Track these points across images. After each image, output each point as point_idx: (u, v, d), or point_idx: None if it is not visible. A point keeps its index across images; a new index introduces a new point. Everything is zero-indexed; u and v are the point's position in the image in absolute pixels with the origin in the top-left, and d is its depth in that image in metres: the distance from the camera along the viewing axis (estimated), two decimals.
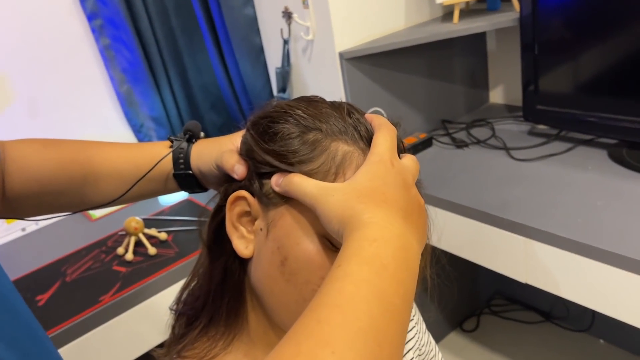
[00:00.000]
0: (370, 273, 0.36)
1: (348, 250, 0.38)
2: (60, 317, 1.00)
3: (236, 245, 0.49)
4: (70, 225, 1.41)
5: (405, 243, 0.40)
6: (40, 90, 1.41)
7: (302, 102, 0.50)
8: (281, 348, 0.33)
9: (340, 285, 0.35)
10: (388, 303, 0.35)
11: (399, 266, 0.38)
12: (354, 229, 0.40)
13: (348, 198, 0.42)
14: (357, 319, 0.33)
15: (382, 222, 0.40)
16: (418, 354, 0.62)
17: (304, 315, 0.35)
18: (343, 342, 0.32)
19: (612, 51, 1.08)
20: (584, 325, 1.66)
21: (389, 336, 0.34)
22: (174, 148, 0.61)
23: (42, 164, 0.61)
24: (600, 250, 0.88)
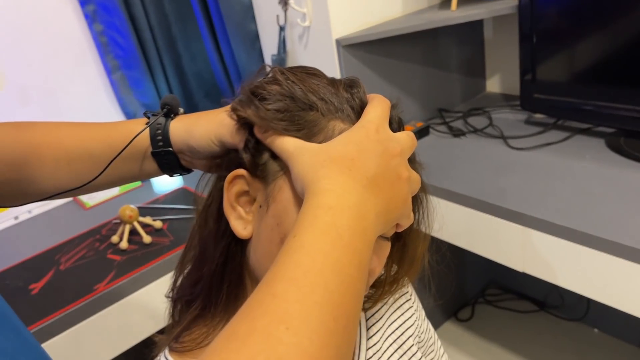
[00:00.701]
0: (325, 243, 0.36)
1: (304, 218, 0.38)
2: (55, 305, 0.99)
3: (234, 226, 0.48)
4: (64, 214, 1.40)
5: (362, 212, 0.39)
6: (31, 77, 1.39)
7: (299, 76, 0.49)
8: (236, 324, 0.33)
9: (297, 258, 0.35)
10: (344, 274, 0.35)
11: (354, 235, 0.37)
12: (312, 195, 0.39)
13: (315, 161, 0.42)
14: (313, 293, 0.33)
15: (340, 189, 0.39)
16: (417, 341, 0.62)
17: (259, 288, 0.35)
18: (298, 318, 0.32)
19: (611, 40, 1.07)
20: (578, 314, 1.67)
21: (344, 309, 0.34)
22: (150, 123, 0.56)
23: (15, 147, 0.57)
24: (598, 239, 0.88)
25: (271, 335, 0.31)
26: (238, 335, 0.32)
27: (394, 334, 0.60)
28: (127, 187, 1.45)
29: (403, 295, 0.63)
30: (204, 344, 0.51)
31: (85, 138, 0.58)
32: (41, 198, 0.60)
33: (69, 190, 0.58)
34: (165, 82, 1.55)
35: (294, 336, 0.31)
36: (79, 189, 0.58)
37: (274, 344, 0.30)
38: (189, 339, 0.51)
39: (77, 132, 0.58)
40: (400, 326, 0.61)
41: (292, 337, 0.31)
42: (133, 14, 1.43)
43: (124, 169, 0.58)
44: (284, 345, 0.30)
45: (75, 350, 1.01)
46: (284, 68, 0.50)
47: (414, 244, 0.55)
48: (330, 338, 0.32)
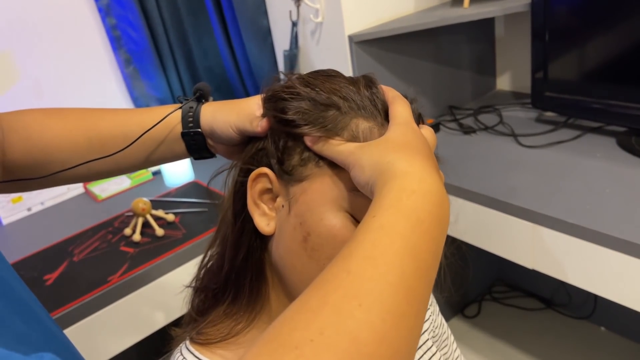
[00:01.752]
0: (406, 227, 0.35)
1: (385, 200, 0.37)
2: (69, 296, 1.00)
3: (257, 222, 0.49)
4: (76, 206, 1.41)
5: (442, 200, 0.38)
6: (45, 69, 1.40)
7: (320, 77, 0.50)
8: (308, 297, 0.33)
9: (375, 237, 0.35)
10: (420, 260, 0.35)
11: (433, 222, 0.37)
12: (390, 178, 0.39)
13: (384, 148, 0.42)
14: (388, 273, 0.33)
15: (420, 173, 0.39)
16: (432, 335, 0.63)
17: (334, 263, 0.34)
18: (372, 296, 0.31)
19: (623, 38, 1.07)
20: (585, 312, 1.67)
21: (418, 293, 0.34)
22: (184, 105, 0.60)
23: (46, 132, 0.59)
24: (608, 237, 0.88)
25: (343, 310, 0.31)
26: (309, 307, 0.32)
27: None
28: (139, 179, 1.46)
29: None
30: (228, 337, 0.52)
31: (120, 122, 0.60)
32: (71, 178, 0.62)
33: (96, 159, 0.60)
34: (177, 76, 1.56)
35: (366, 313, 0.30)
36: (107, 157, 0.60)
37: (344, 319, 0.30)
38: (212, 330, 0.52)
39: (111, 116, 0.61)
40: None
41: (364, 314, 0.30)
42: (146, 8, 1.44)
43: (154, 148, 0.61)
44: (355, 321, 0.30)
45: (88, 340, 1.02)
46: (302, 78, 0.51)
47: None
48: (402, 320, 0.32)
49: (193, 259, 1.12)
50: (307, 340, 0.29)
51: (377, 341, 0.30)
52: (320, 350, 0.29)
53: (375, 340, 0.30)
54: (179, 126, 0.59)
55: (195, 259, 1.12)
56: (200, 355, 0.52)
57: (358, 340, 0.29)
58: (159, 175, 1.48)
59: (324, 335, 0.29)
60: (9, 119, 0.60)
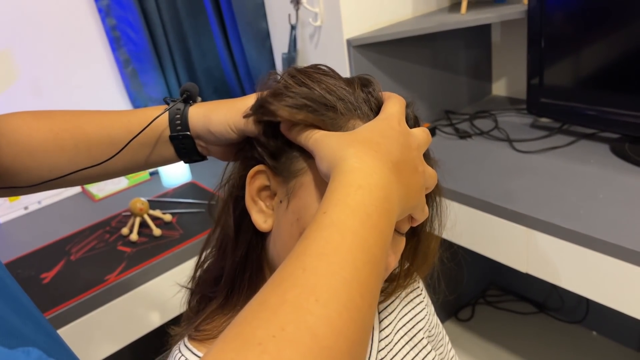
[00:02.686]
0: (355, 222, 0.37)
1: (334, 196, 0.39)
2: (66, 295, 1.01)
3: (255, 219, 0.50)
4: (73, 205, 1.42)
5: (388, 194, 0.40)
6: (44, 69, 1.41)
7: (315, 75, 0.50)
8: (267, 295, 0.34)
9: (327, 234, 0.36)
10: (370, 254, 0.36)
11: (381, 216, 0.38)
12: (340, 172, 0.40)
13: (342, 141, 0.43)
14: (342, 269, 0.34)
15: (369, 169, 0.40)
16: (427, 335, 0.64)
17: (288, 262, 0.35)
18: (328, 292, 0.33)
19: (618, 46, 1.09)
20: (578, 316, 1.69)
21: (369, 287, 0.35)
22: (170, 107, 0.58)
23: (33, 135, 0.58)
24: (602, 242, 0.90)
25: (301, 307, 0.32)
26: (268, 305, 0.33)
27: (405, 327, 0.62)
28: (136, 180, 1.47)
29: (414, 290, 0.65)
30: None
31: (106, 124, 0.59)
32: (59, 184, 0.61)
33: (85, 168, 0.59)
34: (176, 77, 1.57)
35: (323, 308, 0.32)
36: (95, 166, 0.59)
37: (303, 315, 0.31)
38: (210, 327, 0.53)
39: (97, 119, 0.60)
40: (411, 320, 0.63)
41: (321, 309, 0.32)
42: (146, 9, 1.45)
43: (142, 153, 0.59)
44: (314, 317, 0.31)
45: (84, 339, 1.02)
46: (295, 71, 0.51)
47: (427, 240, 0.57)
48: (358, 314, 0.33)
49: (190, 259, 1.13)
50: (269, 337, 0.30)
51: (334, 335, 0.31)
52: (282, 345, 0.30)
53: (333, 334, 0.31)
54: (167, 129, 0.58)
55: (192, 259, 1.13)
56: (198, 352, 0.53)
57: (317, 334, 0.31)
58: (156, 176, 1.48)
59: (285, 331, 0.31)
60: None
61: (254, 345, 0.30)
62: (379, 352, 0.58)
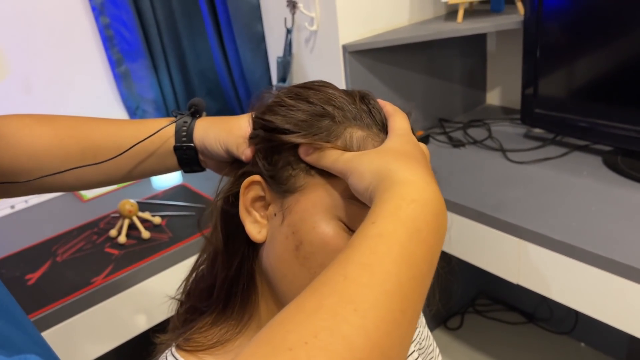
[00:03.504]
0: (404, 235, 0.35)
1: (385, 207, 0.37)
2: (51, 297, 0.99)
3: (249, 230, 0.49)
4: (61, 205, 1.40)
5: (440, 209, 0.39)
6: (35, 66, 1.39)
7: (312, 89, 0.50)
8: (304, 300, 0.33)
9: (373, 244, 0.35)
10: (416, 268, 0.35)
11: (431, 232, 0.37)
12: (391, 185, 0.39)
13: (384, 156, 0.42)
14: (385, 281, 0.33)
15: (421, 182, 0.39)
16: (418, 348, 0.63)
17: (331, 268, 0.34)
18: (367, 302, 0.31)
19: (612, 59, 1.09)
20: (566, 327, 1.69)
21: (412, 302, 0.34)
22: (178, 119, 0.60)
23: (35, 139, 0.59)
24: (593, 254, 0.89)
25: (338, 314, 0.31)
26: (304, 309, 0.32)
27: None
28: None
29: None
30: (217, 345, 0.51)
31: (114, 132, 0.61)
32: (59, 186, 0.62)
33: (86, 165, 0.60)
34: (169, 78, 1.55)
35: (361, 318, 0.31)
36: (97, 166, 0.60)
37: (339, 322, 0.30)
38: (200, 338, 0.52)
39: (105, 127, 0.61)
40: None
41: (358, 319, 0.31)
42: (140, 8, 1.43)
43: (145, 160, 0.61)
44: (350, 326, 0.30)
45: (69, 342, 1.01)
46: (291, 88, 0.51)
47: None
48: (396, 328, 0.32)
49: (178, 263, 1.11)
50: (301, 343, 0.29)
51: (369, 347, 0.30)
52: (314, 352, 0.29)
53: (368, 346, 0.30)
54: (171, 140, 0.60)
55: (181, 262, 1.11)
56: None
57: (352, 345, 0.30)
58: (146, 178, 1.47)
59: (318, 338, 0.29)
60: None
61: (284, 351, 0.29)
62: None
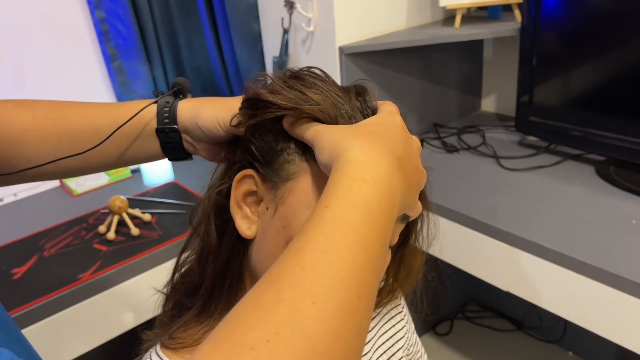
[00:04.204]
0: (357, 218, 0.35)
1: (336, 188, 0.37)
2: (37, 292, 0.97)
3: (239, 225, 0.48)
4: (50, 200, 1.38)
5: (392, 188, 0.39)
6: (29, 58, 1.37)
7: (308, 82, 0.48)
8: (262, 292, 0.32)
9: (327, 230, 0.34)
10: (371, 252, 0.35)
11: (383, 212, 0.37)
12: (344, 163, 0.39)
13: (346, 132, 0.42)
14: (341, 269, 0.32)
15: (372, 161, 0.39)
16: (406, 354, 0.62)
17: (286, 257, 0.34)
18: (326, 293, 0.31)
19: (607, 70, 1.09)
20: (555, 336, 1.69)
21: (368, 287, 0.34)
22: (159, 98, 0.56)
23: (13, 123, 0.56)
24: (583, 264, 0.89)
25: (298, 309, 0.30)
26: (264, 304, 0.31)
27: (384, 344, 0.60)
28: (117, 177, 1.44)
29: (395, 307, 0.64)
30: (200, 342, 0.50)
31: (92, 115, 0.57)
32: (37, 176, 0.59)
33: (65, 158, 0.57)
34: (164, 74, 1.54)
35: (320, 311, 0.30)
36: (76, 156, 0.57)
37: (300, 318, 0.30)
38: (184, 335, 0.51)
39: (82, 109, 0.58)
40: (391, 338, 0.61)
41: (318, 312, 0.30)
42: (136, 3, 1.42)
43: (126, 146, 0.57)
44: (310, 320, 0.30)
45: (54, 338, 0.99)
46: (287, 74, 0.50)
47: (412, 255, 0.56)
48: (354, 316, 0.32)
49: (168, 261, 1.10)
50: (263, 340, 0.29)
51: (330, 340, 0.30)
52: (276, 350, 0.29)
53: (329, 338, 0.30)
54: (153, 122, 0.56)
55: (169, 261, 1.10)
56: None
57: (312, 339, 0.29)
58: (137, 174, 1.45)
59: (280, 335, 0.29)
60: None
61: (247, 350, 0.28)
62: None
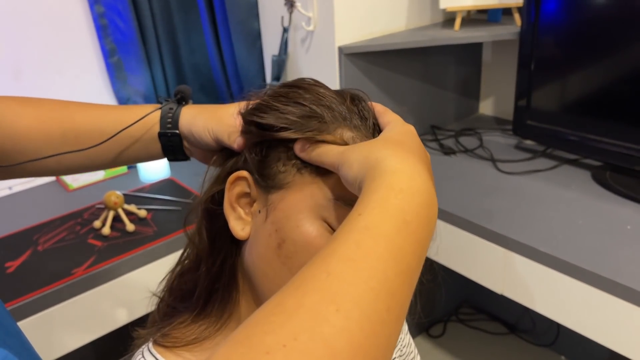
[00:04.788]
0: (391, 228, 0.34)
1: (371, 198, 0.35)
2: (31, 286, 0.97)
3: (232, 226, 0.49)
4: (45, 194, 1.38)
5: (430, 200, 0.37)
6: (26, 52, 1.37)
7: (301, 87, 0.49)
8: (283, 297, 0.31)
9: (358, 237, 0.33)
10: (404, 263, 0.33)
11: (420, 224, 0.35)
12: (379, 174, 0.37)
13: (374, 144, 0.41)
14: (370, 278, 0.31)
15: (410, 171, 0.37)
16: (399, 355, 0.62)
17: (313, 263, 0.32)
18: (351, 301, 0.30)
19: (605, 75, 1.10)
20: (547, 340, 1.69)
21: (399, 299, 0.32)
22: (164, 105, 0.59)
23: (17, 121, 0.58)
24: (578, 268, 0.90)
25: (319, 315, 0.29)
26: (284, 309, 0.30)
27: None
28: (113, 172, 1.43)
29: None
30: (195, 342, 0.50)
31: (98, 117, 0.59)
32: (39, 170, 0.61)
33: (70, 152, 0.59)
34: (162, 70, 1.53)
35: (343, 319, 0.29)
36: (80, 152, 0.59)
37: (320, 324, 0.28)
38: (178, 334, 0.51)
39: (89, 111, 0.60)
40: None
41: (341, 320, 0.29)
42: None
43: (129, 146, 0.60)
44: (331, 327, 0.28)
45: (46, 333, 0.99)
46: (279, 87, 0.50)
47: None
48: (381, 328, 0.30)
49: (162, 257, 1.10)
50: (279, 346, 0.27)
51: (353, 350, 0.28)
52: (292, 357, 0.27)
53: (351, 349, 0.28)
54: (156, 126, 0.59)
55: (164, 257, 1.10)
56: (162, 359, 0.50)
57: (333, 348, 0.28)
58: (134, 170, 1.45)
59: (298, 341, 0.28)
60: None
61: (261, 354, 0.27)
62: None
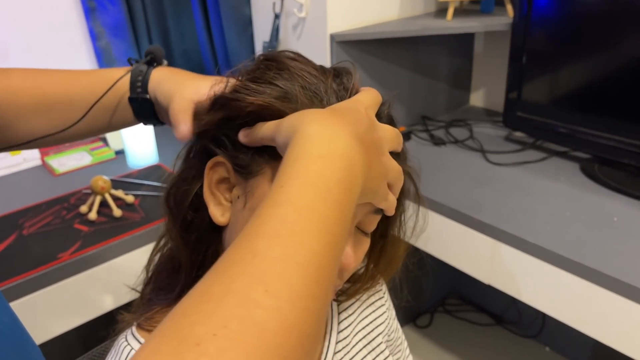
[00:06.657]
0: (314, 198, 0.33)
1: (292, 166, 0.35)
2: (15, 270, 0.96)
3: (212, 212, 0.48)
4: (31, 178, 1.36)
5: (352, 163, 0.36)
6: (13, 33, 1.34)
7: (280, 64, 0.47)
8: (209, 283, 0.30)
9: (282, 212, 0.32)
10: (330, 233, 0.32)
11: (342, 189, 0.34)
12: (299, 139, 0.37)
13: (305, 112, 0.40)
14: (297, 253, 0.30)
15: (329, 135, 0.36)
16: (386, 339, 0.62)
17: (237, 244, 0.31)
18: (280, 280, 0.29)
19: (596, 69, 1.10)
20: (533, 331, 1.71)
21: (327, 271, 0.31)
22: (132, 69, 0.56)
23: None
24: (564, 259, 0.90)
25: (248, 298, 0.28)
26: (212, 296, 0.29)
27: (364, 330, 0.60)
28: (100, 157, 1.41)
29: (376, 293, 0.64)
30: None
31: (66, 84, 0.58)
32: (14, 145, 0.59)
33: (45, 137, 0.57)
34: None
35: (273, 299, 0.28)
36: (59, 133, 0.57)
37: (250, 308, 0.28)
38: (161, 317, 0.50)
39: (57, 78, 0.58)
40: (371, 323, 0.61)
41: (271, 301, 0.28)
42: None
43: (102, 115, 0.58)
44: (262, 310, 0.28)
45: (30, 318, 0.98)
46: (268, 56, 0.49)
47: (395, 244, 0.56)
48: (312, 302, 0.30)
49: (150, 243, 1.09)
50: (209, 335, 0.26)
51: (286, 329, 0.28)
52: (224, 345, 0.26)
53: (284, 328, 0.28)
54: (128, 92, 0.57)
55: (151, 243, 1.08)
56: None
57: (266, 330, 0.27)
58: (121, 155, 1.43)
59: (228, 328, 0.27)
60: None
61: (192, 346, 0.26)
62: (336, 353, 0.56)
